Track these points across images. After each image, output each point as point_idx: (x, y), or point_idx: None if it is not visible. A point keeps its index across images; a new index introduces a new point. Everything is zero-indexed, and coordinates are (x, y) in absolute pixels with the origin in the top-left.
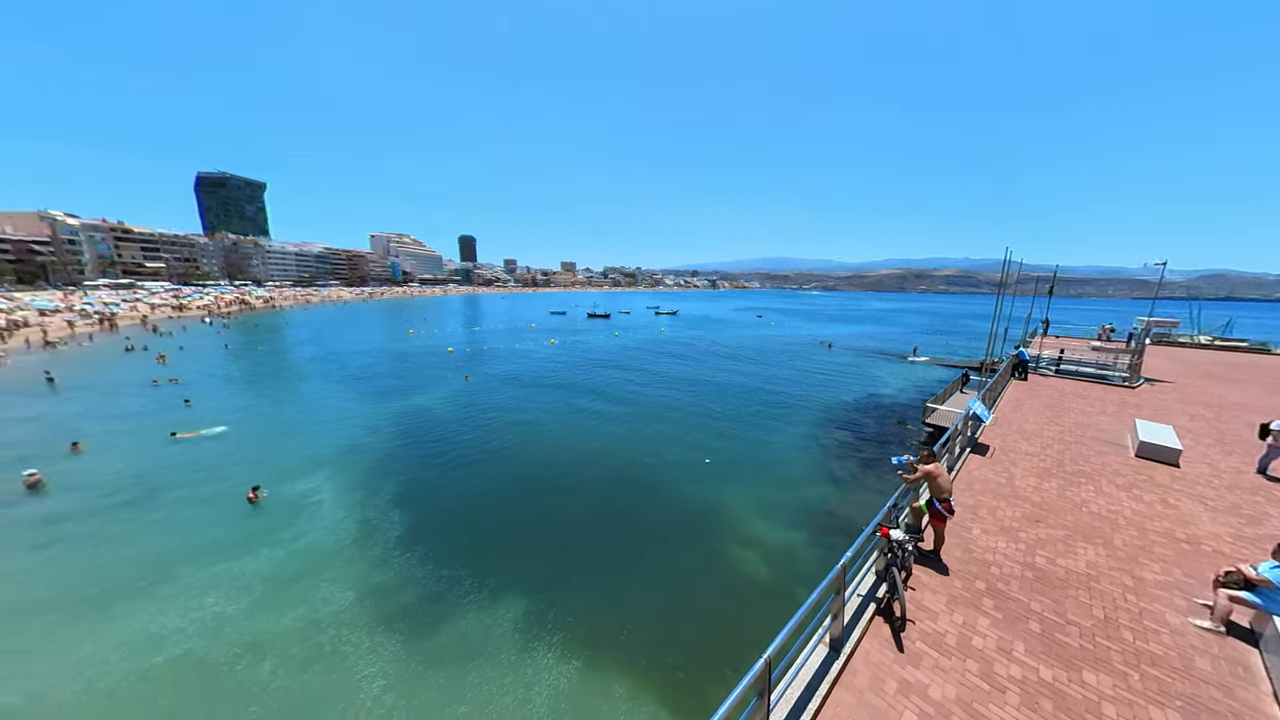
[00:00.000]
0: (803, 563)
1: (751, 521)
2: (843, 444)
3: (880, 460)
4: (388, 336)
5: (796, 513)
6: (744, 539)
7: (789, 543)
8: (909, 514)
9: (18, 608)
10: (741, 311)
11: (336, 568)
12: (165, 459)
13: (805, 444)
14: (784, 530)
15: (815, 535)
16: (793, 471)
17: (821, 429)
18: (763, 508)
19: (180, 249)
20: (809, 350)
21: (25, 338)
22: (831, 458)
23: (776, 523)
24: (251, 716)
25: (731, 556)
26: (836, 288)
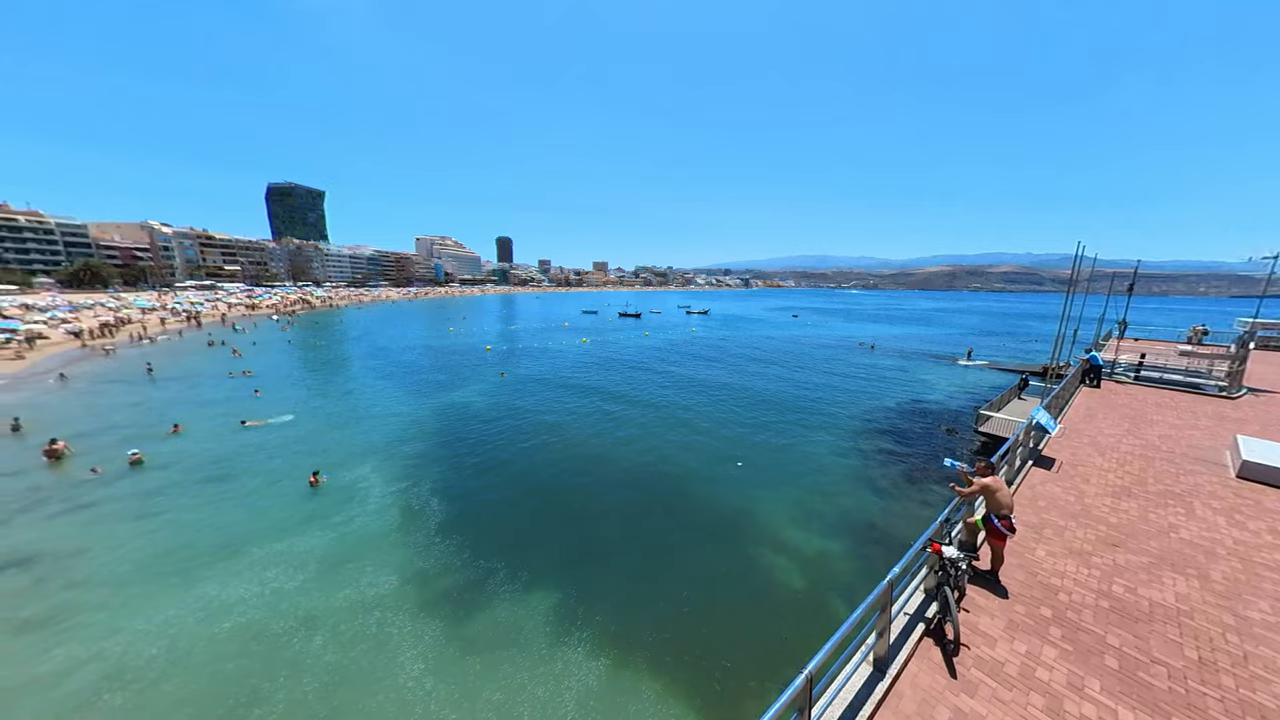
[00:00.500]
0: (840, 574)
1: (785, 528)
2: (884, 452)
3: (926, 471)
4: (430, 334)
5: (833, 522)
6: (777, 545)
7: (825, 552)
8: (963, 530)
9: (120, 571)
10: (776, 311)
11: (382, 552)
12: (240, 443)
13: (844, 450)
14: (820, 539)
15: (854, 546)
16: (830, 478)
17: (861, 435)
18: (797, 515)
19: (253, 253)
20: (848, 352)
21: (129, 333)
22: (872, 465)
23: (812, 531)
24: (306, 688)
25: (763, 563)
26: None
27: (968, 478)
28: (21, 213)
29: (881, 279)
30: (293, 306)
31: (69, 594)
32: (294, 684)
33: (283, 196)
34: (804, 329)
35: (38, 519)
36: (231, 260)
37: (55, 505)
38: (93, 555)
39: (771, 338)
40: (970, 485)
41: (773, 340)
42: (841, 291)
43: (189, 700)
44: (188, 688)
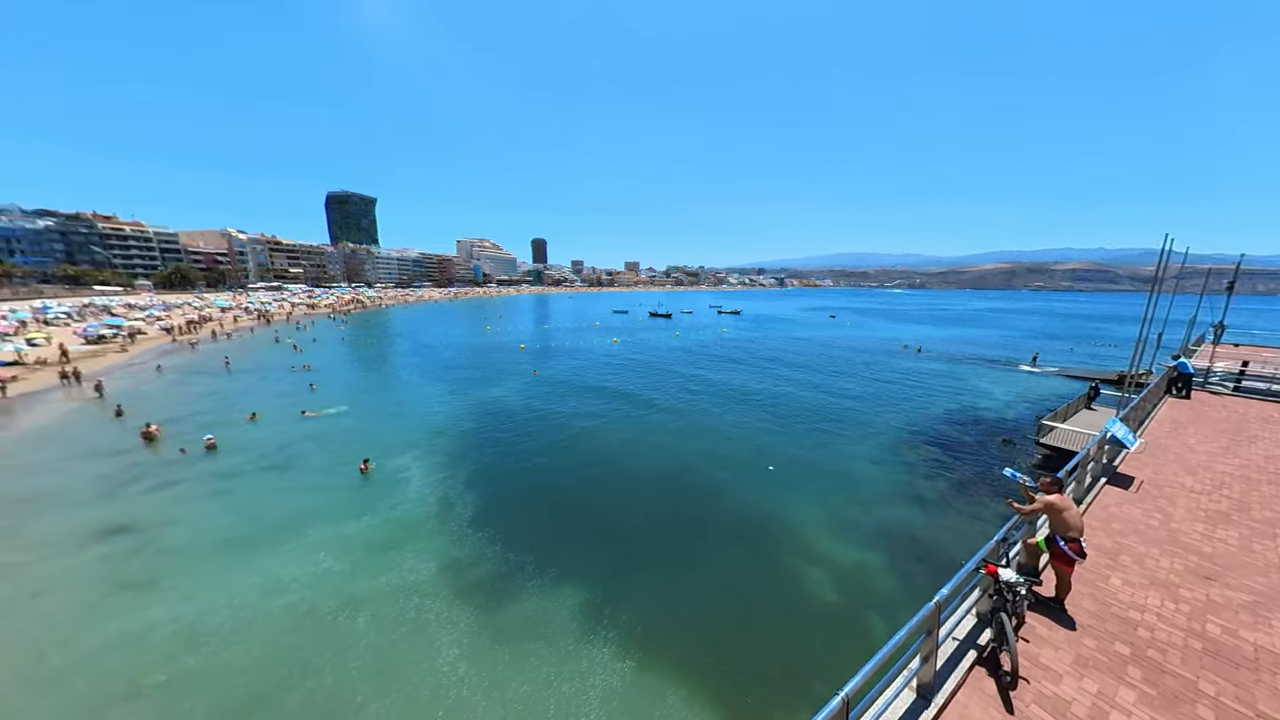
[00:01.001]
0: (878, 590)
1: (818, 537)
2: (930, 461)
3: (977, 485)
4: (469, 332)
5: (872, 533)
6: (809, 555)
7: (862, 565)
8: (1022, 551)
9: (198, 543)
10: (812, 311)
11: (421, 539)
12: (300, 432)
13: (884, 458)
14: (856, 550)
15: (894, 560)
16: (868, 487)
17: (904, 443)
18: (832, 523)
19: (314, 256)
20: (890, 355)
21: (210, 330)
22: (916, 475)
23: (848, 541)
24: (351, 665)
25: (795, 572)
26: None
27: (1029, 494)
28: (128, 223)
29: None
30: (347, 306)
31: (157, 561)
32: (341, 661)
33: (340, 204)
34: (841, 330)
35: (136, 493)
36: (295, 263)
37: (149, 481)
38: (177, 528)
39: (806, 339)
40: (1032, 502)
41: (807, 342)
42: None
43: (249, 667)
44: (248, 655)
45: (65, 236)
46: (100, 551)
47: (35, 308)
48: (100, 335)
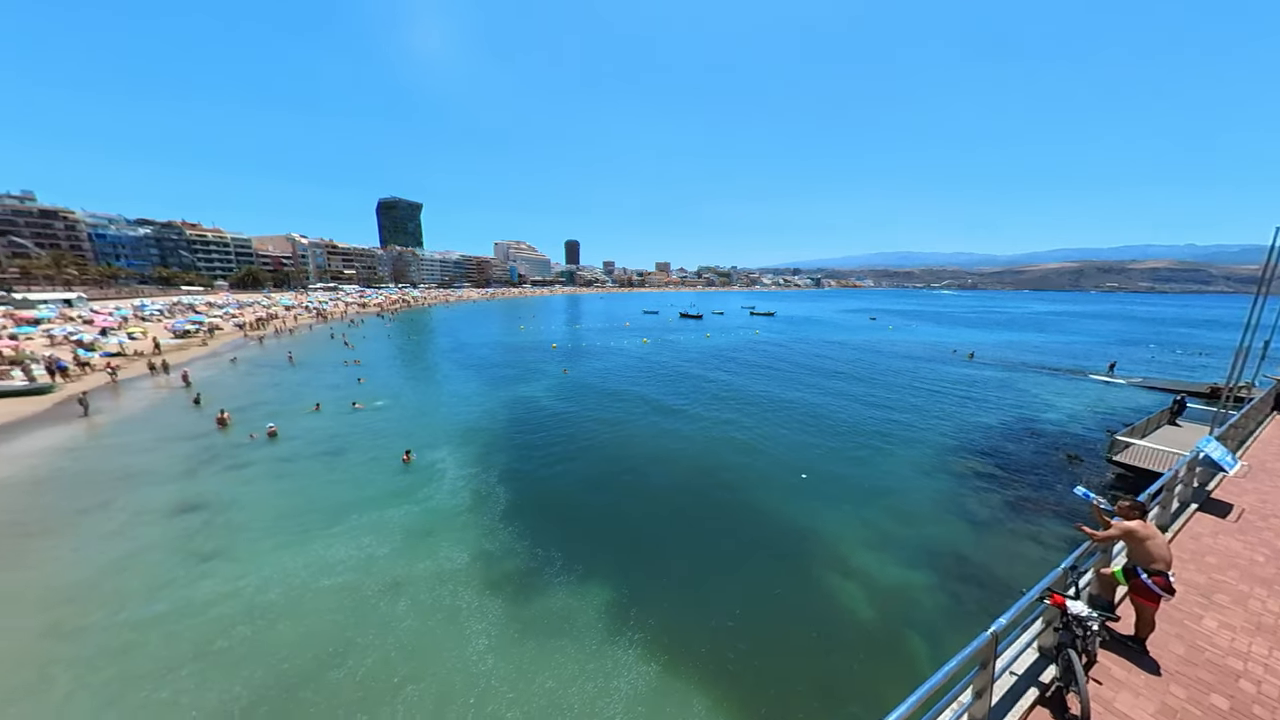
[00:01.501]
0: (920, 611)
1: (854, 551)
2: (982, 475)
3: (1037, 503)
4: (504, 331)
5: (914, 550)
6: (844, 569)
7: (903, 584)
8: (1095, 582)
9: (259, 523)
10: (850, 313)
11: (455, 530)
12: (350, 423)
13: (929, 470)
14: (896, 567)
15: (939, 581)
16: (911, 501)
17: (953, 455)
18: (870, 537)
19: (365, 259)
20: (938, 360)
21: (275, 326)
22: (966, 491)
23: (887, 557)
24: (390, 646)
25: (828, 586)
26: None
27: (1104, 518)
28: (209, 230)
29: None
30: (394, 305)
31: (224, 535)
32: (381, 641)
33: (389, 209)
34: (882, 333)
35: (210, 472)
36: (349, 265)
37: (222, 463)
38: (242, 507)
39: (843, 342)
40: (1107, 528)
41: (845, 345)
42: (930, 292)
43: (298, 642)
44: (298, 630)
45: (159, 242)
46: (179, 524)
47: (135, 305)
48: (185, 330)
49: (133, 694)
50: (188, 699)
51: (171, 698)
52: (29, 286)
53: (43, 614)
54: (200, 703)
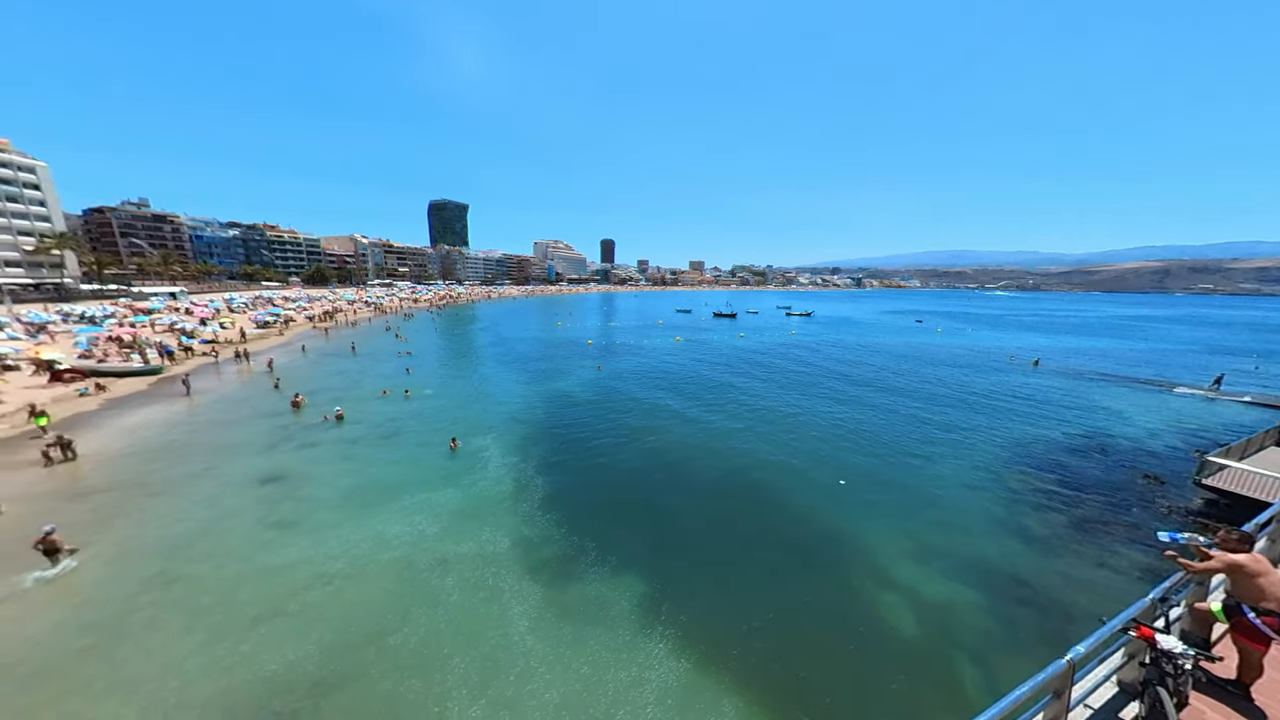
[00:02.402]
0: (971, 631)
1: (895, 562)
2: (1043, 491)
3: (1107, 525)
4: (541, 327)
5: (963, 565)
6: (884, 579)
7: (951, 600)
8: (1188, 617)
9: (327, 498)
10: (894, 315)
11: (497, 515)
12: (403, 409)
13: (982, 482)
14: (943, 582)
15: (992, 601)
16: (960, 514)
17: (1009, 468)
18: (913, 549)
19: (417, 257)
20: (994, 367)
21: (338, 319)
22: (1024, 506)
23: (931, 570)
24: (439, 620)
25: (867, 596)
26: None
27: (1201, 550)
28: (286, 231)
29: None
30: (442, 301)
31: (297, 507)
32: (431, 614)
33: (439, 211)
34: (929, 336)
35: (286, 449)
36: (403, 263)
37: (296, 441)
38: (313, 482)
39: (885, 344)
40: (1208, 559)
41: (887, 348)
42: (984, 293)
43: (359, 609)
44: (359, 598)
45: (245, 243)
46: (261, 493)
47: (225, 299)
48: (265, 321)
49: (223, 643)
50: (268, 653)
51: (254, 650)
52: (143, 281)
53: (156, 563)
54: (279, 656)
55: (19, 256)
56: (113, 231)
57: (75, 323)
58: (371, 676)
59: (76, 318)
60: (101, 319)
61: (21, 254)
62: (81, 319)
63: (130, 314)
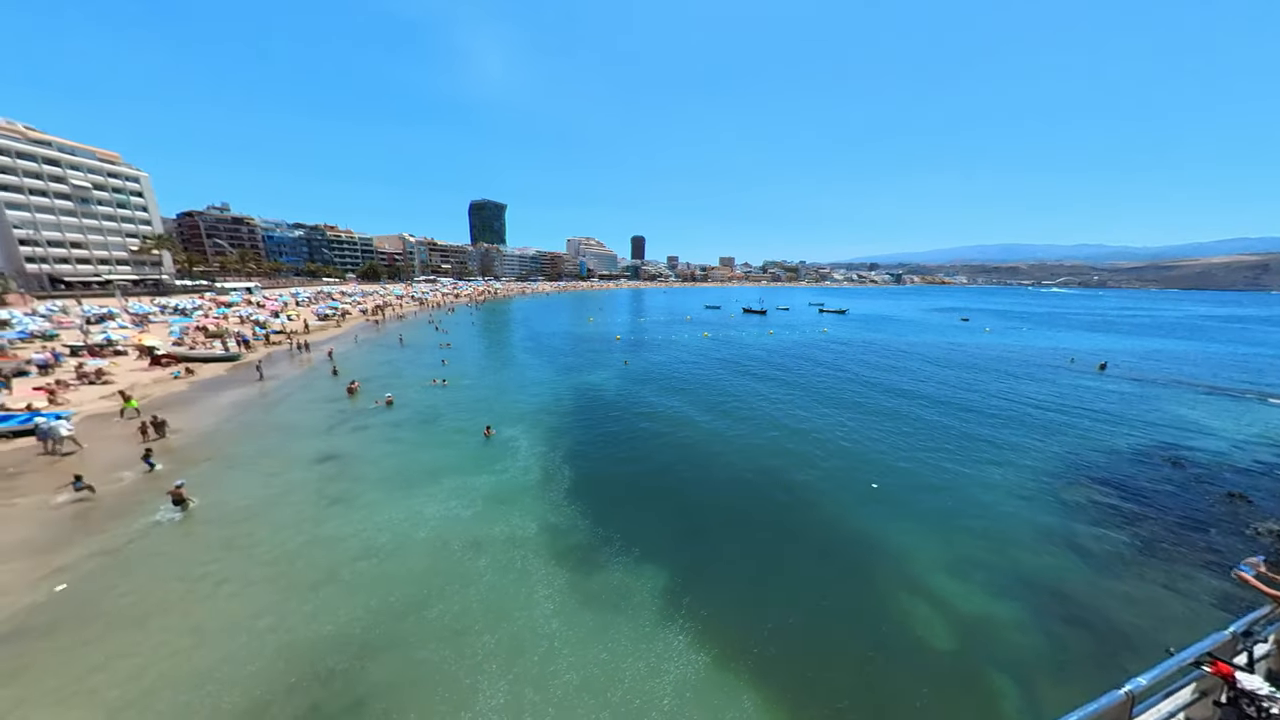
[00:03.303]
0: (1009, 648)
1: (929, 571)
2: (1104, 506)
3: (1174, 544)
4: (572, 322)
5: (1005, 580)
6: (916, 588)
7: (987, 614)
8: (1276, 654)
9: (376, 477)
10: (936, 312)
11: (526, 501)
12: (442, 398)
13: (1031, 493)
14: (982, 596)
15: (1036, 619)
16: (1004, 525)
17: (1063, 480)
18: (950, 559)
19: (459, 255)
20: (1051, 369)
21: (387, 313)
22: (1080, 521)
23: (970, 582)
24: (471, 598)
25: (895, 604)
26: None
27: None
28: (343, 231)
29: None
30: (481, 296)
31: (350, 485)
32: (464, 592)
33: (479, 210)
34: (975, 335)
35: (342, 431)
36: (446, 260)
37: (350, 424)
38: (365, 462)
39: (926, 343)
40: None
41: (928, 347)
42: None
43: (401, 582)
44: (400, 572)
45: (309, 242)
46: (318, 470)
47: (292, 294)
48: (325, 314)
49: (284, 605)
50: (324, 615)
51: (312, 612)
52: (224, 277)
53: (226, 529)
54: (333, 619)
55: (127, 255)
56: (200, 233)
57: (170, 314)
58: (411, 644)
59: (171, 310)
60: (190, 311)
61: (129, 253)
62: (175, 311)
63: (214, 307)
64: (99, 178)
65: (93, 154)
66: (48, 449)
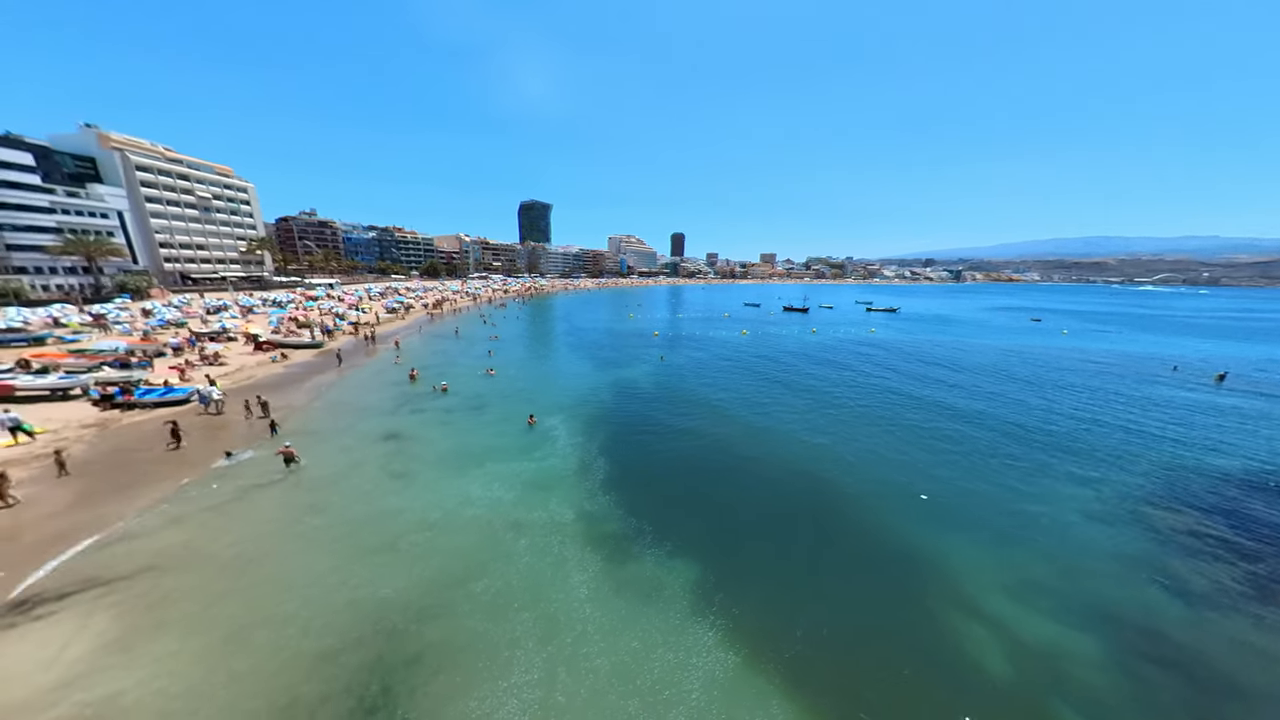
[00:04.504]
0: (1083, 685)
1: (987, 592)
2: (1207, 536)
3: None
4: (612, 318)
5: (1078, 609)
6: (970, 608)
7: (1055, 645)
8: None
9: (430, 457)
10: (1002, 312)
11: (564, 489)
12: (490, 387)
13: (1115, 518)
14: (1048, 623)
15: (1117, 656)
16: (1081, 548)
17: (1159, 502)
18: (1012, 581)
19: (508, 253)
20: (1151, 379)
21: (445, 308)
22: (1174, 553)
23: (1036, 608)
24: (511, 575)
25: (945, 622)
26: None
27: None
28: (409, 232)
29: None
30: (528, 292)
31: (408, 463)
32: (505, 570)
33: (527, 210)
34: (1052, 338)
35: (404, 413)
36: (497, 259)
37: (410, 407)
38: (422, 442)
39: (989, 346)
40: None
41: (991, 349)
42: (1132, 289)
43: (449, 555)
44: (450, 546)
45: (380, 242)
46: (384, 447)
47: (365, 289)
48: (392, 308)
49: (350, 567)
50: (383, 579)
51: (373, 576)
52: (311, 274)
53: (311, 494)
54: (391, 583)
55: (237, 255)
56: (293, 235)
57: (269, 306)
58: (459, 614)
59: (270, 302)
60: (285, 304)
61: (238, 253)
62: (273, 303)
63: (303, 300)
64: (217, 189)
65: (212, 169)
66: (207, 410)
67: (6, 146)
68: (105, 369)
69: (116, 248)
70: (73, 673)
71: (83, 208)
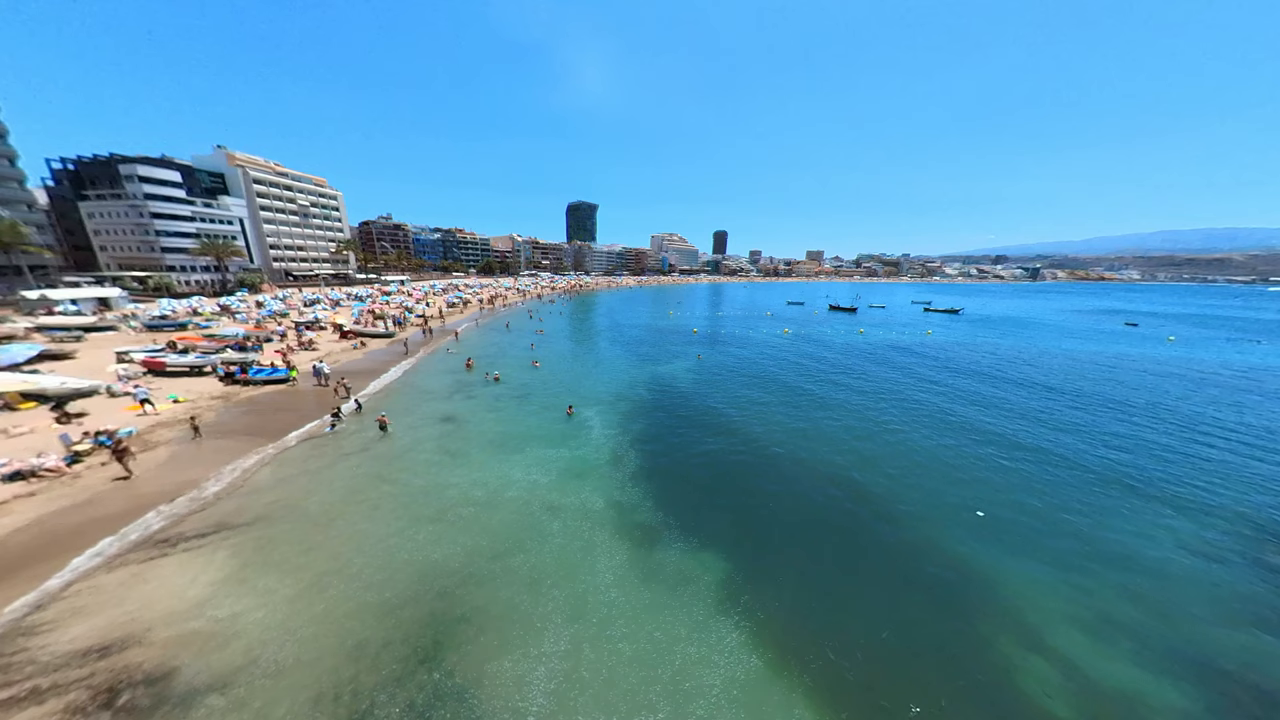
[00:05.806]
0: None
1: (1054, 624)
2: None
3: None
4: (652, 315)
5: (1169, 653)
6: (1031, 641)
7: (1134, 690)
8: None
9: (479, 439)
10: (1088, 315)
11: (596, 478)
12: (534, 377)
13: (1216, 551)
14: (1129, 666)
15: (1214, 711)
16: (1174, 585)
17: (1270, 538)
18: (1086, 615)
19: (556, 252)
20: (1273, 395)
21: (498, 303)
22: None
23: (1114, 648)
24: (545, 555)
25: (1000, 652)
26: None
27: None
28: (468, 233)
29: None
30: (573, 288)
31: (460, 443)
32: (540, 548)
33: (574, 211)
34: (1153, 346)
35: (459, 399)
36: (546, 257)
37: (465, 393)
38: (473, 425)
39: (1070, 352)
40: None
41: (1071, 358)
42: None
43: (491, 530)
44: (490, 522)
45: (444, 243)
46: (441, 428)
47: (430, 285)
48: (453, 303)
49: (408, 531)
50: (433, 545)
51: (425, 541)
52: (386, 272)
53: (380, 466)
54: (440, 550)
55: (327, 255)
56: (372, 237)
57: (351, 300)
58: (496, 583)
59: (353, 297)
60: (364, 298)
61: (329, 254)
62: (355, 298)
63: (378, 295)
64: (314, 198)
65: (310, 179)
66: (321, 382)
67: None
68: (228, 350)
69: (239, 249)
70: (205, 594)
71: (215, 216)
